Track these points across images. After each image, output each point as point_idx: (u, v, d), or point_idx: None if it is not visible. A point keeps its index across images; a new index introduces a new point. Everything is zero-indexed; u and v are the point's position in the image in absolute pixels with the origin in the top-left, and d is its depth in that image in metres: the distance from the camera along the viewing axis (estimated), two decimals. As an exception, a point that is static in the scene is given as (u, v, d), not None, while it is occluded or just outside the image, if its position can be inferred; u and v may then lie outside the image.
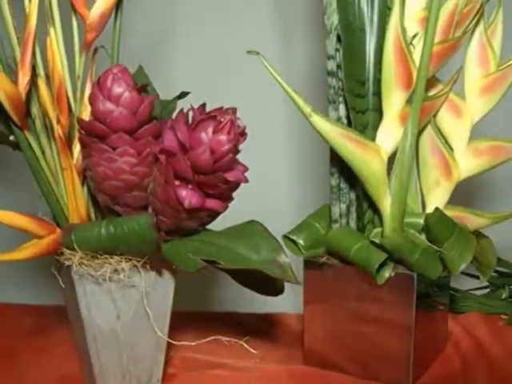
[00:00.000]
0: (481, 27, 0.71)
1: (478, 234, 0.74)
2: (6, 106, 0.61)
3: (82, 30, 0.65)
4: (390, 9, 0.68)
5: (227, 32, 0.94)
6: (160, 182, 0.62)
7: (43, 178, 0.66)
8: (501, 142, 0.72)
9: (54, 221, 0.68)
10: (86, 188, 0.67)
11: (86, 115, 0.66)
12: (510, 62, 0.71)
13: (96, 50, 0.67)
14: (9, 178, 0.98)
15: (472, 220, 0.73)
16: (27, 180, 0.69)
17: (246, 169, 0.62)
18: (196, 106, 0.63)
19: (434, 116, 0.71)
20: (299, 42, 0.95)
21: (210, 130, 0.59)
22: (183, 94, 0.74)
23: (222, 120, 0.60)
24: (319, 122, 0.63)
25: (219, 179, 0.60)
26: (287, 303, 0.81)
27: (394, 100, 0.66)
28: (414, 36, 0.67)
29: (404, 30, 0.64)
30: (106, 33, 0.68)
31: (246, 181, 0.61)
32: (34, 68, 0.63)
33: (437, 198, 0.72)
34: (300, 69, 0.94)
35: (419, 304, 0.68)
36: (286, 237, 0.70)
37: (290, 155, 0.98)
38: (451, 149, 0.72)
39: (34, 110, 0.65)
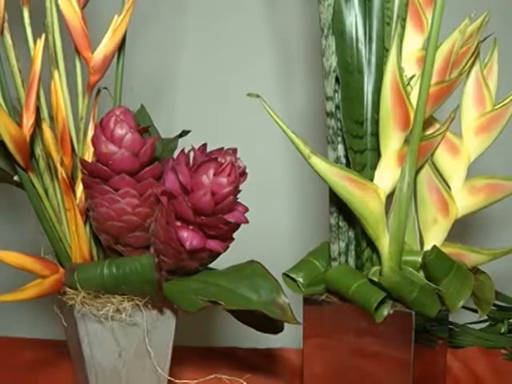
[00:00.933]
0: (477, 67, 0.72)
1: (476, 270, 0.75)
2: (11, 147, 0.62)
3: (86, 72, 0.66)
4: (387, 50, 0.70)
5: (228, 72, 0.96)
6: (161, 222, 0.63)
7: (46, 217, 0.67)
8: (497, 180, 0.72)
9: (56, 258, 0.69)
10: (88, 227, 0.68)
11: (89, 156, 0.67)
12: (505, 102, 0.72)
13: (99, 91, 0.68)
14: (13, 212, 0.99)
15: (470, 257, 0.73)
16: (31, 215, 0.70)
17: (247, 209, 0.63)
18: (197, 146, 0.64)
19: (432, 154, 0.72)
20: (299, 82, 0.96)
21: (211, 172, 0.60)
22: (184, 133, 0.75)
23: (223, 162, 0.61)
24: (318, 163, 0.64)
25: (220, 221, 0.61)
26: (287, 338, 0.81)
27: (391, 140, 0.67)
28: (412, 77, 0.68)
29: (401, 72, 0.65)
30: (108, 73, 0.69)
31: (247, 221, 0.62)
32: (38, 109, 0.64)
33: (434, 235, 0.73)
34: (299, 109, 0.95)
35: (418, 338, 0.69)
36: (285, 275, 0.71)
37: (289, 193, 0.99)
38: (448, 187, 0.73)
39: (38, 150, 0.66)
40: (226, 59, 0.97)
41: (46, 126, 0.63)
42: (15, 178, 0.66)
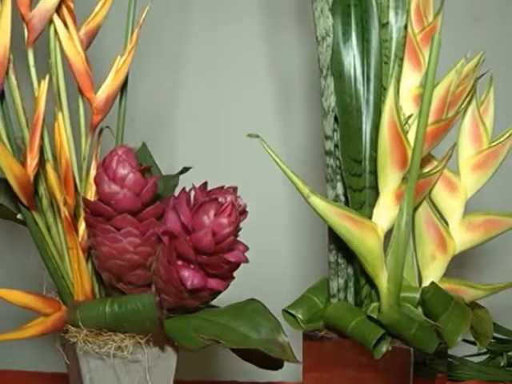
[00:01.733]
0: (473, 105, 0.73)
1: (474, 304, 0.75)
2: (15, 187, 0.63)
3: (89, 112, 0.67)
4: (385, 88, 0.71)
5: (229, 109, 0.97)
6: (163, 261, 0.63)
7: (49, 254, 0.68)
8: (494, 216, 0.73)
9: (58, 294, 0.70)
10: (90, 264, 0.68)
11: (92, 194, 0.68)
12: (501, 139, 0.73)
13: (101, 130, 0.69)
14: (16, 247, 1.00)
15: (468, 292, 0.74)
16: (34, 251, 0.71)
17: (247, 248, 0.64)
18: (197, 184, 0.65)
19: (430, 191, 0.73)
20: (298, 120, 0.97)
21: (212, 213, 0.61)
22: (185, 169, 0.76)
23: (223, 202, 0.62)
24: (317, 202, 0.65)
25: (221, 260, 0.62)
26: (287, 371, 0.82)
27: (389, 179, 0.68)
28: (409, 117, 0.69)
29: (399, 112, 0.67)
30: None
31: (247, 261, 0.63)
32: (41, 149, 0.65)
33: (433, 271, 0.73)
34: (299, 146, 0.96)
35: (417, 371, 0.69)
36: (285, 311, 0.72)
37: (289, 230, 1.00)
38: (446, 223, 0.74)
39: (41, 189, 0.67)
40: (226, 97, 0.98)
41: (49, 167, 0.64)
42: (18, 216, 0.67)
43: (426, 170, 0.73)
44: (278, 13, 0.99)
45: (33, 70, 0.65)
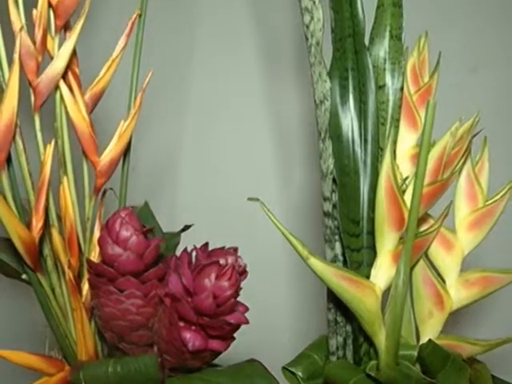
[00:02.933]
0: (468, 165, 0.75)
1: (472, 359, 0.76)
2: (20, 249, 0.65)
3: (92, 175, 0.69)
4: (382, 149, 0.73)
5: (229, 167, 0.99)
6: (165, 322, 0.65)
7: (52, 314, 0.69)
8: (491, 273, 0.75)
9: (60, 351, 0.71)
10: (93, 324, 0.70)
11: (95, 255, 0.69)
12: (496, 198, 0.74)
13: (105, 191, 0.71)
14: (22, 303, 1.01)
15: (465, 348, 0.75)
16: (37, 308, 0.72)
17: (247, 309, 0.65)
18: (198, 238, 0.66)
19: (426, 249, 0.74)
20: (298, 180, 0.99)
21: (213, 276, 0.62)
22: (186, 227, 0.78)
23: (224, 264, 0.63)
24: (316, 263, 0.67)
25: (221, 322, 0.63)
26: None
27: (386, 240, 0.69)
28: (406, 178, 0.71)
29: (395, 174, 0.68)
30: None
31: (247, 322, 0.64)
32: (46, 211, 0.67)
33: (430, 328, 0.75)
34: (298, 206, 0.98)
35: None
36: (285, 368, 0.73)
37: (288, 289, 1.01)
38: (443, 280, 0.75)
39: (46, 250, 0.68)
40: (226, 153, 1.00)
41: (54, 231, 0.65)
42: (23, 276, 0.69)
43: (423, 228, 0.74)
44: (280, 76, 1.02)
45: (39, 135, 0.67)
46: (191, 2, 1.02)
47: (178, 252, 0.69)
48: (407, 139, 0.74)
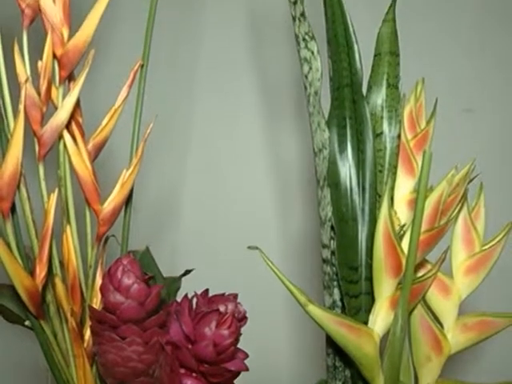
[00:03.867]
0: (464, 211, 0.76)
1: (470, 403, 0.77)
2: (23, 297, 0.66)
3: (95, 222, 0.70)
4: (380, 196, 0.74)
5: (229, 216, 1.01)
6: (166, 369, 0.65)
7: (54, 359, 0.70)
8: (488, 317, 0.75)
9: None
10: (95, 370, 0.70)
11: (97, 301, 0.70)
12: (492, 243, 0.76)
13: (107, 238, 0.72)
14: (23, 347, 1.02)
15: (463, 393, 0.76)
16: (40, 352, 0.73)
17: (247, 356, 0.66)
18: (198, 281, 0.67)
19: (424, 294, 0.75)
20: (296, 229, 1.00)
21: (213, 324, 0.63)
22: (187, 272, 0.79)
23: (224, 311, 0.64)
24: (314, 310, 0.68)
25: (222, 369, 0.64)
26: None
27: (384, 287, 0.70)
28: (403, 226, 0.72)
29: (392, 222, 0.69)
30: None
31: (247, 369, 0.65)
32: (50, 258, 0.68)
33: (428, 372, 0.75)
34: (298, 253, 0.99)
35: None
36: (284, 413, 0.74)
37: (288, 334, 1.02)
38: (441, 325, 0.76)
39: (49, 296, 0.69)
40: (227, 203, 1.01)
41: (58, 280, 0.67)
42: (26, 323, 0.70)
43: (420, 273, 0.75)
44: (280, 123, 1.03)
45: (43, 183, 0.68)
46: (193, 51, 1.04)
47: (179, 297, 0.70)
48: (404, 185, 0.76)
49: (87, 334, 0.70)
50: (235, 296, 0.67)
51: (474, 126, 1.09)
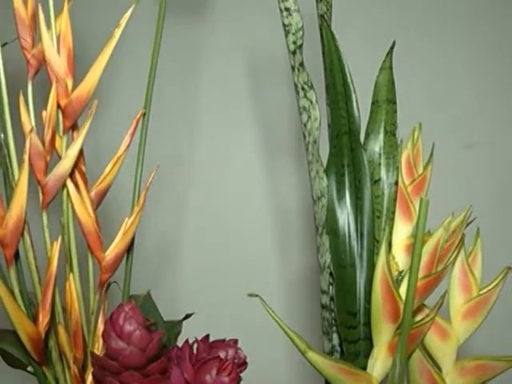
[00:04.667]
0: (462, 256, 0.77)
1: None
2: (26, 343, 0.67)
3: (97, 269, 0.71)
4: (378, 241, 0.75)
5: (229, 261, 1.02)
6: (167, 417, 0.66)
7: (56, 405, 0.70)
8: (486, 361, 0.76)
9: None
10: (97, 415, 0.71)
11: (99, 346, 0.71)
12: (489, 288, 0.76)
13: (109, 285, 0.73)
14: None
15: None
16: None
17: (247, 401, 0.67)
18: (200, 336, 0.68)
19: (422, 339, 0.76)
20: (296, 275, 1.01)
21: (214, 371, 0.64)
22: (188, 316, 0.80)
23: (224, 358, 0.65)
24: (314, 357, 0.68)
25: (222, 417, 0.64)
26: None
27: (382, 332, 0.71)
28: (401, 272, 0.73)
29: (390, 269, 0.70)
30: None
31: (247, 415, 0.66)
32: (53, 305, 0.69)
33: (427, 416, 0.76)
34: (297, 299, 1.00)
35: None
36: None
37: (288, 378, 1.03)
38: (439, 368, 0.76)
39: (51, 342, 0.70)
40: (228, 249, 1.03)
41: (61, 328, 0.67)
42: (29, 368, 0.70)
43: (418, 318, 0.76)
44: (280, 168, 1.04)
45: (46, 231, 0.69)
46: (194, 98, 1.06)
47: (180, 341, 0.71)
48: (402, 230, 0.77)
49: (89, 379, 0.71)
50: (235, 341, 0.68)
51: (473, 162, 1.11)
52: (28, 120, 0.68)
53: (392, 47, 0.75)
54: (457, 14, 1.13)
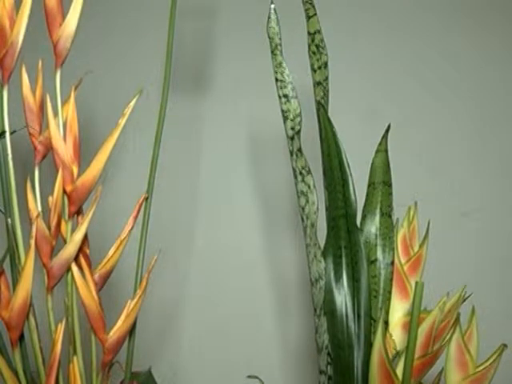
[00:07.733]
0: (457, 334, 0.78)
1: None
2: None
3: (100, 350, 0.73)
4: (375, 320, 0.77)
5: (230, 332, 1.03)
6: None
7: None
8: None
9: None
10: None
11: None
12: (486, 364, 0.77)
13: (112, 365, 0.74)
14: None
15: None
16: None
17: None
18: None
19: (420, 418, 0.77)
20: (295, 337, 1.03)
21: None
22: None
23: None
24: None
25: None
26: None
27: (381, 413, 0.72)
28: (398, 352, 0.74)
29: (387, 350, 0.72)
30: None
31: None
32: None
33: None
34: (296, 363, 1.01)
35: None
36: None
37: None
38: None
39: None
40: (228, 319, 1.04)
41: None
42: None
43: (414, 394, 0.77)
44: (279, 238, 1.06)
45: (51, 314, 0.71)
46: (195, 170, 1.08)
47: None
48: (399, 308, 0.78)
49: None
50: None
51: (470, 230, 1.12)
52: (35, 206, 0.70)
53: (387, 130, 0.78)
54: (454, 90, 1.16)
